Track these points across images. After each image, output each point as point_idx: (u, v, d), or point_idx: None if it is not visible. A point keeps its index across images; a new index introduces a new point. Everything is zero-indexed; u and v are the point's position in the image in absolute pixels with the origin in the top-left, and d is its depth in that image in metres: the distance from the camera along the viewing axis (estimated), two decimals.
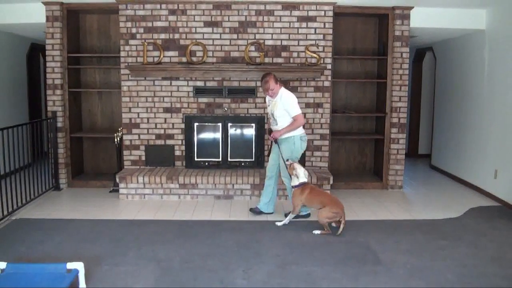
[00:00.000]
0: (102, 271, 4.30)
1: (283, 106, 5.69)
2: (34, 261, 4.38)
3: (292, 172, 5.53)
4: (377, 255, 4.64)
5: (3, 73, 8.24)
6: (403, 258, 4.59)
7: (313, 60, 6.85)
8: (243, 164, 7.17)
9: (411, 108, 9.91)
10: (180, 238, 5.14)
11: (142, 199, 6.70)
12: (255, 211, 6.04)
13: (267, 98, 5.93)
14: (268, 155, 6.16)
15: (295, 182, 5.48)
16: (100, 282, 4.10)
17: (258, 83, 6.95)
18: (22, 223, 5.72)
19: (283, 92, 5.78)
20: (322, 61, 6.88)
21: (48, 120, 7.25)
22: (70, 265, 3.89)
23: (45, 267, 3.91)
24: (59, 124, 7.33)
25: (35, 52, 9.62)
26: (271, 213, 6.03)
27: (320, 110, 7.07)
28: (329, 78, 7.02)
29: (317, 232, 5.32)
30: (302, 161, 7.08)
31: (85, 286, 3.96)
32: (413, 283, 4.04)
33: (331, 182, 6.66)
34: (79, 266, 3.91)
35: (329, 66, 6.97)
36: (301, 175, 5.49)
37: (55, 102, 7.33)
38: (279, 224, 5.59)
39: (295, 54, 6.97)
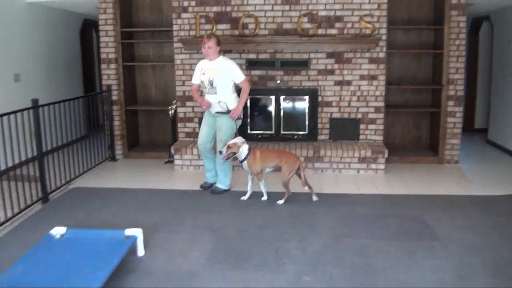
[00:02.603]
0: (159, 238, 4.40)
1: (228, 72, 5.53)
2: (92, 228, 4.51)
3: (237, 150, 5.32)
4: (433, 230, 4.55)
5: (58, 49, 8.44)
6: (458, 234, 4.48)
7: (368, 31, 6.69)
8: (295, 137, 7.13)
9: (466, 81, 9.59)
10: (235, 209, 5.20)
11: (196, 170, 6.78)
12: (205, 186, 5.91)
13: (200, 66, 5.70)
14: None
15: (243, 155, 5.34)
16: (157, 248, 4.20)
17: (312, 55, 6.89)
18: (80, 192, 5.91)
19: (226, 58, 5.66)
20: (376, 32, 6.71)
21: (103, 94, 7.41)
22: (129, 232, 4.01)
23: (104, 233, 4.04)
24: (114, 97, 7.48)
25: (88, 28, 9.81)
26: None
27: (374, 82, 6.92)
28: (384, 49, 6.85)
29: (280, 202, 5.35)
30: (357, 134, 7.03)
31: (143, 252, 4.08)
32: (468, 260, 3.94)
33: (386, 156, 6.56)
34: (137, 232, 4.02)
35: (384, 37, 6.78)
36: (241, 144, 5.33)
37: (109, 76, 7.48)
38: (264, 199, 5.48)
39: (349, 25, 6.81)
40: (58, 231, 4.04)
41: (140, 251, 4.06)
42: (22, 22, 7.28)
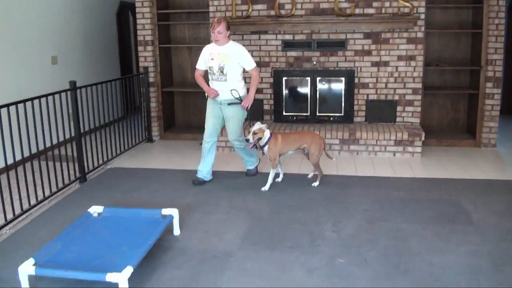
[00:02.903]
0: (195, 219, 4.47)
1: (239, 58, 5.17)
2: (129, 207, 4.58)
3: (262, 135, 5.11)
4: (469, 215, 4.47)
5: (95, 32, 8.54)
6: (494, 219, 4.39)
7: (406, 10, 6.55)
8: (331, 118, 7.08)
9: (505, 62, 9.31)
10: (270, 190, 5.20)
11: (232, 152, 6.81)
12: (200, 181, 5.46)
13: (208, 51, 5.31)
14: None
15: (265, 139, 5.13)
16: (193, 228, 4.26)
17: (349, 35, 6.80)
18: (117, 172, 6.02)
19: (236, 43, 5.30)
20: (415, 11, 6.56)
21: (140, 76, 7.49)
22: (165, 211, 4.08)
23: (141, 212, 4.10)
24: (151, 79, 7.55)
25: (124, 10, 9.86)
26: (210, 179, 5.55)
27: (412, 63, 6.79)
28: (422, 28, 6.69)
29: (316, 183, 5.32)
30: (393, 116, 6.95)
31: (179, 232, 4.14)
32: (503, 246, 3.86)
33: (423, 138, 6.45)
34: (174, 212, 4.08)
35: (422, 16, 6.61)
36: (264, 128, 5.15)
37: (146, 58, 7.55)
38: (265, 189, 5.23)
39: (387, 4, 6.66)
40: (95, 209, 4.14)
41: (176, 231, 4.13)
42: (60, 5, 7.40)
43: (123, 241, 3.64)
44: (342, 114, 7.05)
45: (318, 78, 6.99)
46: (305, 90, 7.08)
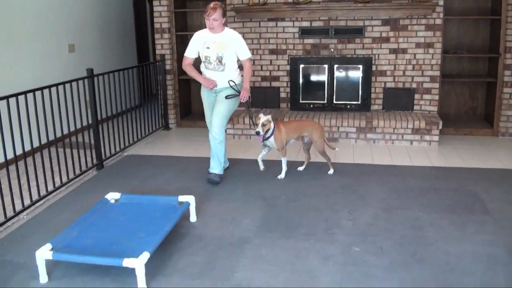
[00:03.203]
0: (211, 206, 4.49)
1: (236, 46, 4.89)
2: (146, 194, 4.61)
3: (270, 126, 4.94)
4: (485, 205, 4.43)
5: (112, 20, 8.59)
6: (511, 208, 4.35)
7: None
8: (348, 106, 7.05)
9: None
10: (285, 178, 5.20)
11: (248, 140, 6.83)
12: (216, 180, 5.04)
13: (202, 39, 4.96)
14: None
15: (270, 130, 4.96)
16: (209, 215, 4.29)
17: (367, 22, 6.75)
18: (134, 159, 6.07)
19: (232, 30, 5.02)
20: None
21: (157, 63, 7.50)
22: (182, 198, 4.10)
23: (158, 199, 4.13)
24: (168, 67, 7.58)
25: None
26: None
27: (431, 50, 6.71)
28: (441, 15, 6.60)
29: (331, 171, 5.32)
30: (411, 104, 6.90)
31: (195, 218, 4.17)
32: None
33: (440, 127, 6.40)
34: (190, 199, 4.11)
35: (441, 2, 6.54)
36: (271, 119, 4.95)
37: (163, 45, 7.56)
38: (281, 176, 5.19)
39: None
40: (112, 196, 4.17)
41: (193, 217, 4.16)
42: None
43: (139, 227, 3.67)
44: (359, 102, 7.01)
45: (335, 66, 6.96)
46: (322, 77, 7.05)
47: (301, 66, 7.04)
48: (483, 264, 3.39)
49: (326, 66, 6.98)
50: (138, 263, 3.06)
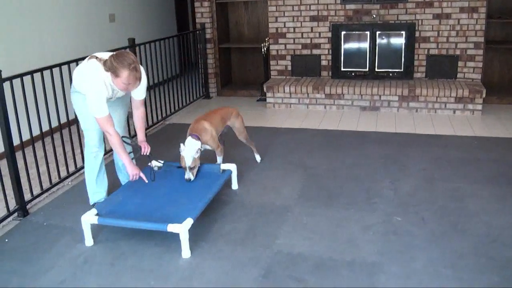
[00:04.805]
0: (252, 174, 4.56)
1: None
2: None
3: (199, 163, 4.07)
4: None
5: None
6: None
7: None
8: (391, 74, 6.93)
9: None
10: (326, 147, 5.23)
11: (288, 108, 6.84)
12: None
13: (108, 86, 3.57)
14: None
15: (204, 147, 4.24)
16: (250, 183, 4.37)
17: None
18: (176, 127, 6.16)
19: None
20: None
21: (197, 32, 7.53)
22: (224, 166, 4.17)
23: (201, 167, 4.18)
24: (208, 36, 7.59)
25: None
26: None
27: (475, 15, 6.48)
28: None
29: (258, 158, 4.88)
30: (454, 72, 6.75)
31: (237, 186, 4.24)
32: None
33: (484, 96, 6.24)
34: (232, 167, 4.18)
35: None
36: (196, 154, 4.01)
37: (203, 14, 7.57)
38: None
39: None
40: (156, 164, 4.26)
41: (234, 185, 4.24)
42: None
43: (183, 194, 3.76)
44: (402, 70, 6.88)
45: (377, 32, 6.82)
46: (364, 45, 6.93)
47: (343, 33, 6.93)
48: None
49: (368, 32, 6.85)
50: (182, 229, 3.15)
